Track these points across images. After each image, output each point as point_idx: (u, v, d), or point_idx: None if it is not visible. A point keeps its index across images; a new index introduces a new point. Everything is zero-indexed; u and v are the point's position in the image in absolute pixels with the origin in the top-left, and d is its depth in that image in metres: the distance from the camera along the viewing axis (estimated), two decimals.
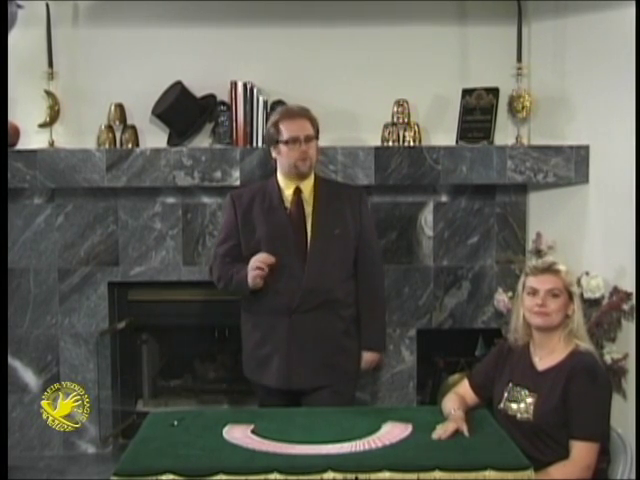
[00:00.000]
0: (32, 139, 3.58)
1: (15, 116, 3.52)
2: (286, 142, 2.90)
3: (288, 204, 2.94)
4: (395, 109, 3.58)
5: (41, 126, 3.56)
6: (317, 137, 2.97)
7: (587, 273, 3.32)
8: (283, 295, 2.89)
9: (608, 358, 3.22)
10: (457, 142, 3.61)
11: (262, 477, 2.09)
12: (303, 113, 2.96)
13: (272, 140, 2.96)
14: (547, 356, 2.42)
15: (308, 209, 2.94)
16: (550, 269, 2.43)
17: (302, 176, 2.94)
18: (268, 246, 2.89)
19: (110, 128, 3.58)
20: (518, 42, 3.53)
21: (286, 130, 2.90)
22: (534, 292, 2.43)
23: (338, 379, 2.96)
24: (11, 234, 3.61)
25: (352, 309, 3.01)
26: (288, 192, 2.95)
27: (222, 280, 2.98)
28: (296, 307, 2.88)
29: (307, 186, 2.97)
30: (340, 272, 2.96)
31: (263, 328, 2.96)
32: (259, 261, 2.82)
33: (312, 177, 3.00)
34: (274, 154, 2.98)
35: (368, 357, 3.05)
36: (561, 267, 2.44)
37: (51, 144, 3.56)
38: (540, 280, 2.43)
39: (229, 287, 2.96)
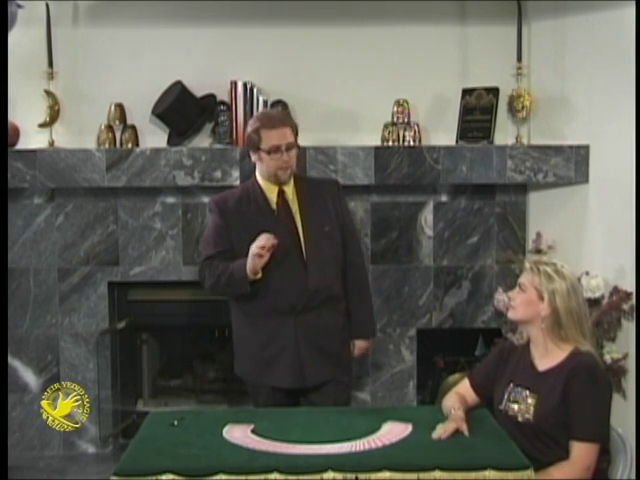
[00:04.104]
0: (32, 139, 3.58)
1: (15, 116, 3.52)
2: (268, 151, 2.86)
3: (274, 205, 2.93)
4: (395, 109, 3.58)
5: (41, 126, 3.56)
6: (297, 142, 2.93)
7: (587, 273, 3.32)
8: (287, 295, 2.87)
9: (608, 358, 3.22)
10: (457, 142, 3.61)
11: (262, 477, 2.09)
12: (284, 120, 2.93)
13: (253, 146, 2.91)
14: (545, 356, 2.42)
15: (294, 208, 2.94)
16: (533, 268, 2.44)
17: (283, 183, 2.94)
18: None
19: (110, 128, 3.58)
20: (518, 42, 3.53)
21: (267, 138, 2.86)
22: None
23: (341, 371, 3.00)
24: (11, 234, 3.60)
25: (344, 302, 3.03)
26: (272, 195, 2.94)
27: (212, 277, 2.87)
28: (302, 307, 2.89)
29: (289, 186, 2.97)
30: (335, 268, 2.98)
31: (266, 329, 2.93)
32: (258, 247, 2.72)
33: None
34: (254, 159, 2.95)
35: (361, 345, 3.09)
36: (547, 269, 2.41)
37: (51, 144, 3.56)
38: (522, 276, 2.48)
39: (220, 282, 2.85)
